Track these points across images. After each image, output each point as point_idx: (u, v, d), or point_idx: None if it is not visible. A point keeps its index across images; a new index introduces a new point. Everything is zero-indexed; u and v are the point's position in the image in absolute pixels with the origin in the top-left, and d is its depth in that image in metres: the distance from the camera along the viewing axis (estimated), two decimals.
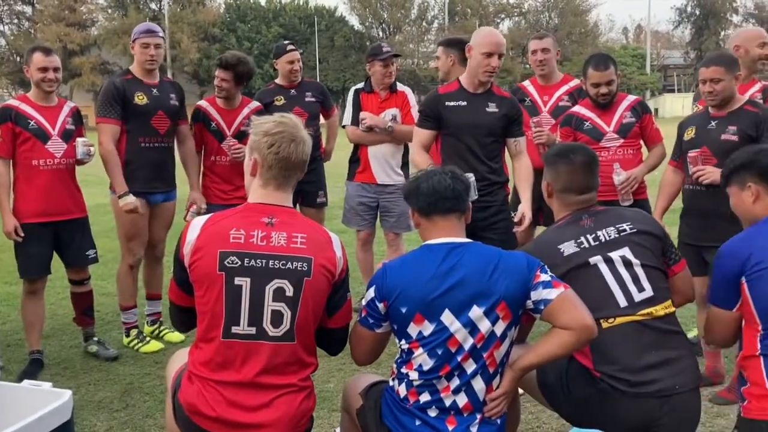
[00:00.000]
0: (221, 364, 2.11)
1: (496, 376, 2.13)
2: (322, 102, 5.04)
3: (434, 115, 3.70)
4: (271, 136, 2.18)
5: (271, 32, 51.10)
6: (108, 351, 4.16)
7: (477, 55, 3.61)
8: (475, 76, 3.67)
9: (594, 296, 2.30)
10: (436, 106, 3.70)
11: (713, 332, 2.46)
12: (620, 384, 2.26)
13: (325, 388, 3.64)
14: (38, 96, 3.90)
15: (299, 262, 2.11)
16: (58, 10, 49.90)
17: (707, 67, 3.45)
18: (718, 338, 2.48)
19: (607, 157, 3.92)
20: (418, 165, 3.62)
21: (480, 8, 59.33)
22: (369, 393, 2.30)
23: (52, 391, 2.66)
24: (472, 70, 3.67)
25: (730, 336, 2.40)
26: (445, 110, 3.68)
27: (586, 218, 2.52)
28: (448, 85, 3.80)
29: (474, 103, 3.68)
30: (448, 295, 2.08)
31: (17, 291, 5.29)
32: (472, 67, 3.65)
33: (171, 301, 2.33)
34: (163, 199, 4.35)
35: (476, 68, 3.64)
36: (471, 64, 3.66)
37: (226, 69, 4.42)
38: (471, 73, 3.69)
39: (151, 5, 54.41)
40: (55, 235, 3.93)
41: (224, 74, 4.43)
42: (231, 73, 4.40)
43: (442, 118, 3.68)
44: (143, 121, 4.15)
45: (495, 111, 3.71)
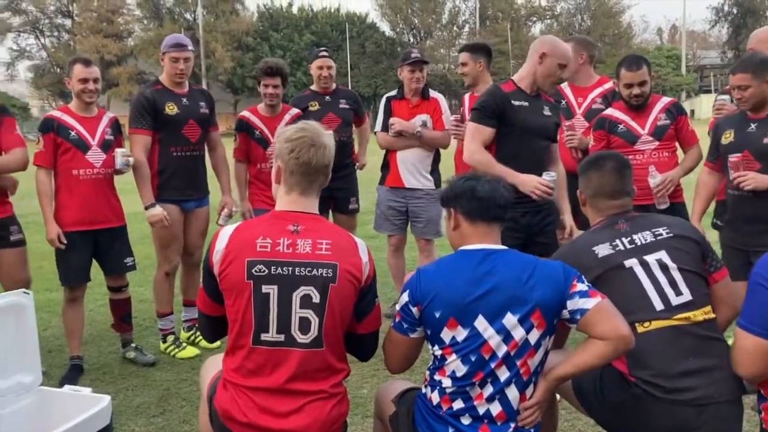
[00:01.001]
0: (252, 370, 2.13)
1: (530, 384, 2.11)
2: (355, 110, 5.09)
3: (498, 113, 3.47)
4: (292, 142, 2.21)
5: (303, 40, 51.57)
6: (145, 357, 4.24)
7: (552, 64, 3.51)
8: (542, 83, 3.58)
9: (629, 299, 2.27)
10: (502, 103, 3.47)
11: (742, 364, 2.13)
12: (655, 390, 2.22)
13: (359, 394, 3.65)
14: (79, 107, 3.99)
15: (324, 269, 2.12)
16: (96, 22, 51.13)
17: (734, 74, 3.39)
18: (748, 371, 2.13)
19: (642, 161, 3.88)
20: (482, 164, 3.39)
21: (512, 12, 59.07)
22: (402, 400, 2.29)
23: (92, 397, 2.73)
24: (541, 76, 3.55)
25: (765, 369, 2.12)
26: (510, 109, 3.48)
27: (622, 222, 2.50)
28: (505, 84, 3.61)
29: (534, 105, 3.57)
30: (483, 301, 2.07)
31: (58, 298, 5.41)
32: (542, 73, 3.53)
33: (199, 311, 2.35)
34: (196, 206, 4.43)
35: (546, 75, 3.54)
36: (541, 70, 3.52)
37: (274, 75, 4.50)
38: (537, 78, 3.55)
39: (186, 15, 55.35)
40: (95, 243, 4.01)
41: (273, 80, 4.51)
42: (279, 78, 4.50)
43: (505, 116, 3.48)
44: (174, 131, 4.22)
45: (549, 115, 3.65)
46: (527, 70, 3.58)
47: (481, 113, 3.48)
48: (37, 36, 54.33)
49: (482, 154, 3.44)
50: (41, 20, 53.73)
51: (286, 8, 55.67)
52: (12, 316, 2.72)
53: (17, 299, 2.73)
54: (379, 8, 59.19)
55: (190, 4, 54.14)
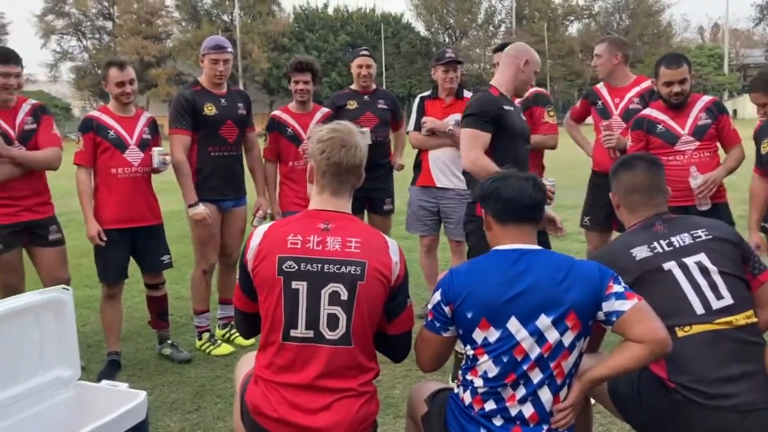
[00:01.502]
0: (283, 366, 2.15)
1: (564, 386, 2.08)
2: (393, 111, 5.06)
3: (495, 119, 3.46)
4: (323, 143, 2.23)
5: (339, 41, 51.81)
6: (181, 354, 4.29)
7: (531, 71, 3.59)
8: (521, 88, 3.64)
9: (668, 302, 2.23)
10: (497, 109, 3.48)
11: None
12: (696, 396, 2.17)
13: (391, 394, 3.65)
14: (117, 107, 4.07)
15: (353, 266, 2.14)
16: (135, 24, 52.09)
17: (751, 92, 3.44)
18: None
19: (683, 161, 3.81)
20: (488, 168, 3.36)
21: (548, 11, 58.47)
22: (434, 400, 2.29)
23: (128, 392, 2.78)
24: (522, 82, 3.60)
25: None
26: (504, 114, 3.50)
27: (659, 224, 2.46)
28: (492, 89, 3.61)
29: (516, 109, 3.63)
30: (515, 302, 2.05)
31: (96, 294, 5.51)
32: (523, 79, 3.59)
33: (236, 308, 2.40)
34: (233, 206, 4.47)
35: (526, 81, 3.62)
36: (522, 77, 3.57)
37: (304, 71, 4.51)
38: (517, 84, 3.60)
39: (223, 17, 56.04)
40: (132, 240, 4.09)
41: (303, 76, 4.52)
42: (309, 73, 4.51)
43: (500, 122, 3.47)
44: (213, 131, 4.27)
45: (524, 118, 3.76)
46: (508, 75, 3.57)
47: (479, 119, 3.41)
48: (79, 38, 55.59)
49: (483, 160, 3.37)
50: (83, 23, 54.95)
51: (322, 9, 56.00)
52: (52, 311, 2.78)
53: (57, 295, 2.79)
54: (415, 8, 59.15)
55: (227, 6, 54.82)
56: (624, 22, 59.46)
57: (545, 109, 4.55)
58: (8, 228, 3.84)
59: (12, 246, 3.87)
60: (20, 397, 2.65)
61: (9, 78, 3.77)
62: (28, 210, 3.90)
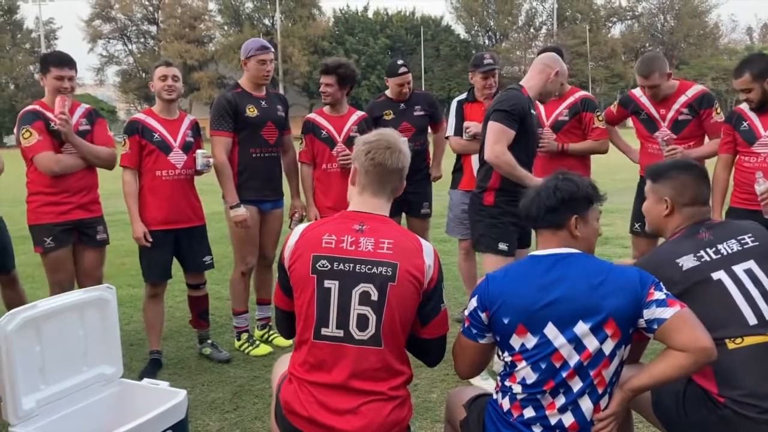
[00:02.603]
0: (314, 365, 2.17)
1: (605, 396, 2.04)
2: (432, 115, 5.03)
3: (521, 118, 3.57)
4: (369, 144, 2.29)
5: (378, 44, 51.98)
6: (221, 354, 4.35)
7: (558, 82, 3.76)
8: (545, 96, 3.80)
9: (719, 313, 2.16)
10: (525, 109, 3.59)
11: None
12: (747, 410, 2.09)
13: (428, 398, 3.63)
14: (162, 108, 4.15)
15: (384, 267, 2.15)
16: (179, 28, 53.08)
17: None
18: None
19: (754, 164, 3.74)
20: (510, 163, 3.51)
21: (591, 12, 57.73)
22: (473, 405, 2.27)
23: (169, 391, 2.82)
24: (548, 92, 3.77)
25: None
26: (529, 116, 3.62)
27: (704, 231, 2.38)
28: (523, 90, 3.70)
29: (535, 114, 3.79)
30: (552, 308, 2.03)
31: (139, 294, 5.62)
32: (550, 89, 3.75)
33: (276, 306, 2.43)
34: (272, 207, 4.51)
35: (551, 92, 3.81)
36: (549, 87, 3.73)
37: (328, 74, 4.52)
38: (544, 92, 3.74)
39: (264, 21, 56.72)
40: (176, 241, 4.15)
41: (328, 79, 4.53)
42: (334, 76, 4.50)
43: (524, 122, 3.59)
44: (254, 133, 4.32)
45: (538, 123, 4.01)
46: (538, 81, 3.71)
47: (510, 116, 3.54)
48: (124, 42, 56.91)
49: (508, 156, 3.53)
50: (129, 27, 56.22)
51: (362, 12, 56.26)
52: (96, 309, 2.84)
53: (101, 294, 2.85)
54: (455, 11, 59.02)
55: (268, 10, 55.50)
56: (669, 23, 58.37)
57: (594, 114, 4.50)
58: (60, 226, 3.96)
59: (63, 244, 3.99)
60: (65, 393, 2.71)
61: (63, 81, 3.91)
62: (80, 207, 4.02)
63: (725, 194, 4.02)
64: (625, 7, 59.23)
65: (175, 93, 4.13)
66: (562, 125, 4.51)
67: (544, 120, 4.57)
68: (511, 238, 3.68)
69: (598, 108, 4.58)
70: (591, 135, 4.50)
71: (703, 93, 4.18)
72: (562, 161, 4.36)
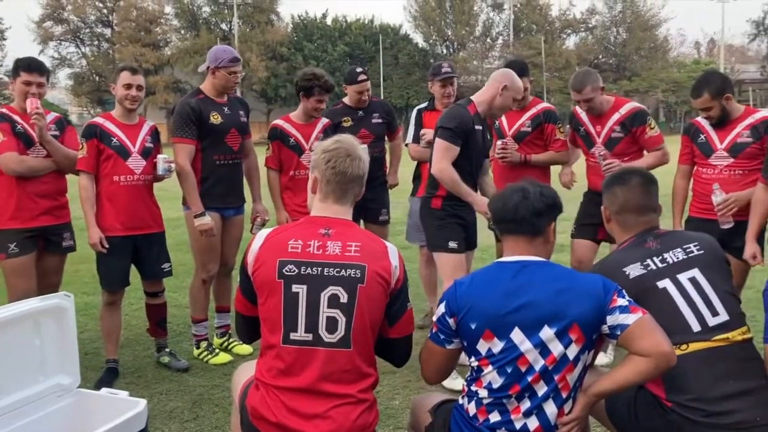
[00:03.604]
0: (282, 370, 2.17)
1: (569, 400, 2.08)
2: (389, 123, 5.09)
3: (465, 135, 3.74)
4: (328, 153, 2.30)
5: (337, 51, 51.92)
6: (179, 362, 4.28)
7: (510, 97, 3.86)
8: (496, 112, 3.95)
9: (665, 321, 2.20)
10: (469, 126, 3.76)
11: None
12: (694, 414, 2.16)
13: (391, 405, 3.64)
14: (121, 114, 4.08)
15: (353, 269, 2.17)
16: (134, 32, 52.08)
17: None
18: None
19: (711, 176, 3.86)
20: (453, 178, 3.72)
21: (546, 24, 58.76)
22: (438, 410, 2.29)
23: (128, 400, 2.77)
24: (498, 107, 3.88)
25: None
26: (472, 133, 3.78)
27: (651, 240, 2.45)
28: (470, 107, 3.81)
29: (483, 129, 3.90)
30: (519, 313, 2.06)
31: (94, 301, 5.51)
32: (499, 104, 3.86)
33: (237, 311, 2.41)
34: (234, 214, 4.49)
35: (503, 107, 3.91)
36: (498, 101, 3.84)
37: (330, 92, 4.59)
38: (493, 107, 3.87)
39: (222, 26, 56.12)
40: (134, 248, 4.08)
41: (326, 96, 4.58)
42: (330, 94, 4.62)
43: (468, 139, 3.77)
44: (218, 140, 4.28)
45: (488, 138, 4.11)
46: (487, 95, 3.86)
47: (454, 134, 3.73)
48: (77, 45, 55.52)
49: (452, 172, 3.75)
50: (82, 29, 54.93)
51: (321, 19, 56.12)
52: (53, 318, 2.78)
53: (59, 302, 2.79)
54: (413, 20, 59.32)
55: (226, 15, 54.90)
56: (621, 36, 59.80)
57: (556, 126, 4.60)
58: (26, 232, 3.89)
59: (28, 250, 3.92)
60: (20, 404, 2.65)
61: (31, 86, 3.88)
62: (47, 213, 3.97)
63: (684, 203, 4.14)
64: (579, 20, 60.41)
65: (138, 103, 4.07)
66: (525, 136, 4.59)
67: (507, 130, 4.65)
68: (460, 236, 3.89)
69: (560, 120, 4.68)
70: (553, 146, 4.59)
71: (636, 111, 4.23)
72: (525, 171, 4.43)
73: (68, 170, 4.07)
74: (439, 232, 3.89)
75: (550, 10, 59.74)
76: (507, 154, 4.57)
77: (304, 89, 4.57)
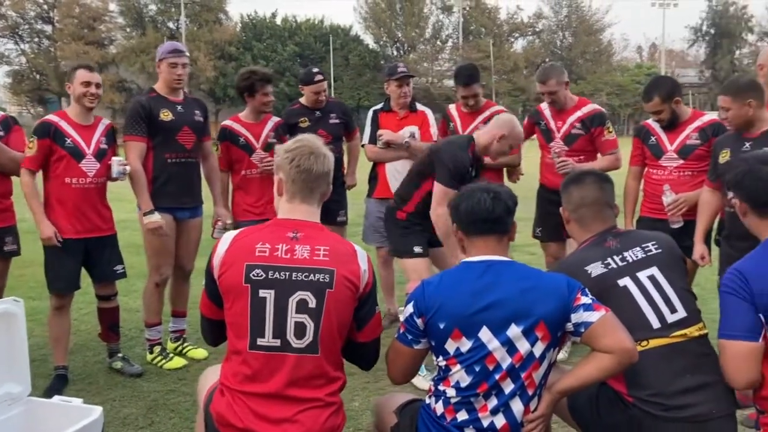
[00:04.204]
0: (249, 376, 2.13)
1: (535, 397, 2.11)
2: (346, 123, 5.09)
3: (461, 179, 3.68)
4: (291, 152, 2.28)
5: (287, 51, 51.54)
6: (132, 367, 4.18)
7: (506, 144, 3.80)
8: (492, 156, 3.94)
9: (625, 318, 2.25)
10: (466, 171, 3.75)
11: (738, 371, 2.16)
12: (653, 408, 2.22)
13: (351, 407, 3.62)
14: (77, 113, 3.95)
15: (321, 274, 2.14)
16: (77, 29, 50.59)
17: (719, 95, 3.53)
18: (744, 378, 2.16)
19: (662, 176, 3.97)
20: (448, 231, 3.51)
21: (494, 27, 59.57)
22: (404, 411, 2.29)
23: (82, 407, 2.70)
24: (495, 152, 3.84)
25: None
26: (467, 173, 3.77)
27: (611, 239, 2.50)
28: (472, 145, 3.81)
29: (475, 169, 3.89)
30: (487, 313, 2.08)
31: (41, 306, 5.33)
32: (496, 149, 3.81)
33: (202, 314, 2.36)
34: (189, 216, 4.38)
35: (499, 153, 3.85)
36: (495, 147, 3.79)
37: (271, 82, 4.57)
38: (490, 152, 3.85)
39: (169, 24, 55.05)
40: (85, 251, 3.96)
41: (270, 87, 4.57)
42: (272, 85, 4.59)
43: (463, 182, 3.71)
44: (169, 137, 4.20)
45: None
46: (485, 140, 3.81)
47: (453, 178, 3.68)
48: (16, 41, 53.66)
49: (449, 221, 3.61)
50: (21, 25, 53.10)
51: (270, 19, 55.62)
52: (1, 324, 2.68)
53: (7, 307, 2.69)
54: (363, 21, 59.36)
55: (173, 13, 53.87)
56: (567, 40, 61.09)
57: None
58: None
59: None
60: None
61: None
62: None
63: (635, 203, 4.26)
64: (527, 23, 61.46)
65: (97, 101, 3.97)
66: None
67: (460, 131, 4.75)
68: (423, 240, 3.91)
69: None
70: None
71: (597, 112, 4.42)
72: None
73: (13, 173, 3.92)
74: (403, 239, 3.94)
75: (498, 14, 60.57)
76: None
77: (247, 88, 4.57)
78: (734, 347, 2.13)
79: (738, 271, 2.17)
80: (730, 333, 2.14)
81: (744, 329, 2.11)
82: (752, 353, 2.11)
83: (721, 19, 59.47)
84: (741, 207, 2.35)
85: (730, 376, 2.18)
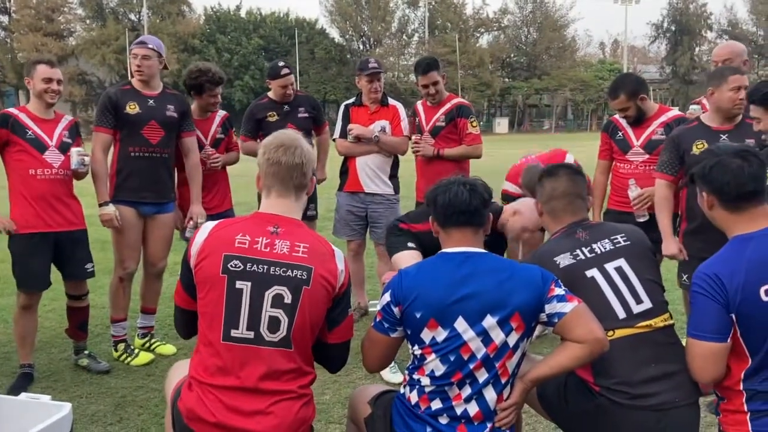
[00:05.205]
0: (221, 368, 2.12)
1: (508, 386, 2.14)
2: (315, 117, 5.06)
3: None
4: (264, 147, 2.29)
5: (252, 44, 51.12)
6: (99, 364, 4.12)
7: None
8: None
9: (592, 308, 2.28)
10: None
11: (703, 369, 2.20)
12: (619, 397, 2.27)
13: (321, 400, 3.63)
14: (38, 108, 3.86)
15: (299, 270, 2.14)
16: (35, 20, 49.47)
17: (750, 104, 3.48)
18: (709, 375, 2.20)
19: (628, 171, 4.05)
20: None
21: (460, 22, 59.89)
22: (378, 401, 2.30)
23: (51, 404, 2.64)
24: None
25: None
26: None
27: (581, 231, 2.55)
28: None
29: None
30: (463, 303, 2.10)
31: (3, 303, 5.22)
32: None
33: (176, 305, 2.34)
34: (156, 212, 4.29)
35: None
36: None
37: (220, 83, 4.59)
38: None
39: (131, 16, 54.13)
40: (55, 247, 3.87)
41: (218, 89, 4.60)
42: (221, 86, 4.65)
43: None
44: (134, 131, 4.14)
45: None
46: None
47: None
48: None
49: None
50: None
51: (234, 11, 55.09)
52: None
53: None
54: (329, 14, 59.16)
55: (135, 5, 53.00)
56: (532, 36, 61.72)
57: (468, 120, 4.71)
58: None
59: None
60: None
61: None
62: None
63: (603, 197, 4.34)
64: (492, 19, 61.94)
65: (58, 97, 3.89)
66: (440, 131, 4.74)
67: (424, 126, 4.79)
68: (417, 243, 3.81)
69: (472, 114, 4.82)
70: (465, 140, 4.72)
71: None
72: (440, 165, 4.61)
73: None
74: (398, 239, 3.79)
75: (464, 9, 60.97)
76: (419, 149, 4.75)
77: (194, 87, 4.55)
78: (701, 347, 2.18)
79: (714, 274, 2.17)
80: (699, 333, 2.18)
81: (712, 331, 2.15)
82: (719, 353, 2.17)
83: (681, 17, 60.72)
84: (708, 200, 2.33)
85: (696, 372, 2.24)
